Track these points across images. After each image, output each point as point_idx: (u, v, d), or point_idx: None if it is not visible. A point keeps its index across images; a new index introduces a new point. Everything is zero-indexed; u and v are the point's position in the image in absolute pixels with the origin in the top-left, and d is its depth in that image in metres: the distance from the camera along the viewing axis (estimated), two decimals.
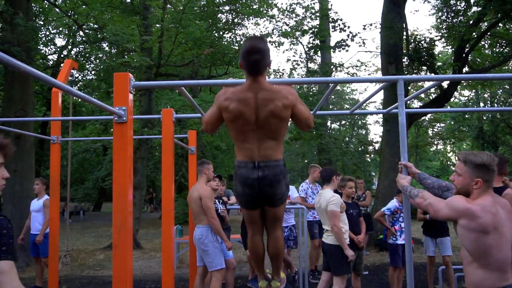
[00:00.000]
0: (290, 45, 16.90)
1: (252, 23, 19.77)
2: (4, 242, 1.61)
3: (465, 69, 11.63)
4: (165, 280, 4.25)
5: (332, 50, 11.70)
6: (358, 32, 10.97)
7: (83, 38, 16.42)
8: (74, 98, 11.55)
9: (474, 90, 21.92)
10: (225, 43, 12.99)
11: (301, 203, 6.63)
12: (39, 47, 15.57)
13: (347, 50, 11.51)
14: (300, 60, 17.22)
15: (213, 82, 3.33)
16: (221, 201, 5.56)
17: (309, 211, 6.74)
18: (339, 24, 11.11)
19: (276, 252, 3.05)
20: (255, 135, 2.75)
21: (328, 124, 27.14)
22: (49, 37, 18.37)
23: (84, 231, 14.97)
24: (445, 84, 11.04)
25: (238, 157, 2.84)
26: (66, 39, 18.52)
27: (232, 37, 13.86)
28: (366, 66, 34.29)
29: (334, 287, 4.62)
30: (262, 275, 3.22)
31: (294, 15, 15.29)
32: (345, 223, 4.73)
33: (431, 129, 28.61)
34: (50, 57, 19.34)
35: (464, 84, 15.78)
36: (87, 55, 18.35)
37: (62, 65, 18.18)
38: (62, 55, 18.78)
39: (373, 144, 25.53)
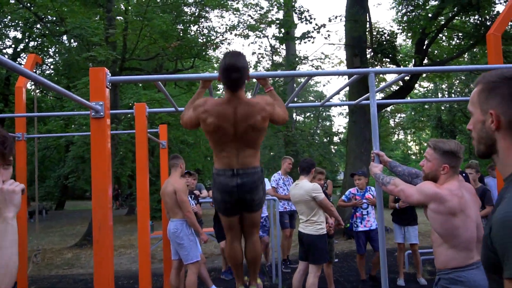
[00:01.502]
0: (255, 38, 16.95)
1: (217, 16, 19.58)
2: None
3: (425, 61, 12.06)
4: (142, 275, 4.24)
5: (298, 41, 11.80)
6: (324, 24, 11.06)
7: (41, 31, 15.84)
8: (33, 94, 11.13)
9: (433, 82, 22.77)
10: (192, 36, 12.87)
11: (273, 194, 6.74)
12: None
13: (312, 42, 11.61)
14: (266, 53, 17.32)
15: (190, 76, 3.35)
16: (193, 196, 5.57)
17: (280, 201, 6.85)
18: (305, 16, 11.22)
19: (254, 256, 3.13)
20: (233, 145, 2.83)
21: (294, 116, 27.46)
22: (3, 31, 17.59)
23: (48, 230, 14.55)
24: (407, 76, 11.41)
25: (217, 165, 2.91)
26: (22, 32, 17.77)
27: (198, 29, 13.74)
28: (329, 58, 34.79)
29: (310, 275, 4.70)
30: (240, 282, 3.27)
31: (258, 7, 15.33)
32: (323, 216, 4.82)
33: (393, 119, 29.50)
34: (5, 51, 18.55)
35: (424, 76, 16.34)
36: (45, 49, 17.72)
37: (18, 59, 17.57)
38: (18, 49, 18.05)
39: (338, 134, 26.04)
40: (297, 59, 14.08)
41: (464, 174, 5.07)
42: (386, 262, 2.94)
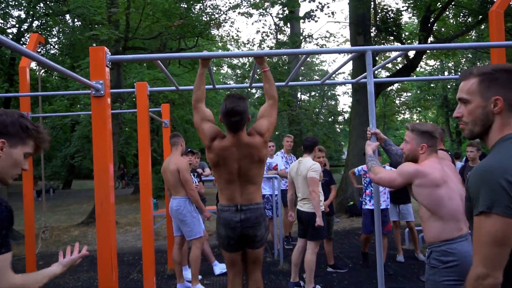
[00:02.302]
0: (259, 16, 16.79)
1: None
2: None
3: (430, 39, 11.92)
4: (146, 251, 4.37)
5: (301, 20, 11.69)
6: (327, 3, 10.93)
7: (45, 11, 15.76)
8: (38, 74, 11.18)
9: (439, 60, 22.51)
10: (195, 14, 12.77)
11: (281, 174, 6.80)
12: None
13: (316, 21, 11.52)
14: (270, 32, 17.17)
15: (189, 55, 3.36)
16: (196, 174, 5.65)
17: (282, 179, 6.92)
18: None
19: None
20: (237, 182, 2.99)
21: (299, 95, 27.38)
22: (7, 10, 17.51)
23: (55, 209, 14.79)
24: (411, 54, 11.32)
25: (221, 201, 3.07)
26: (26, 11, 17.69)
27: (201, 8, 13.62)
28: (335, 37, 34.45)
29: (308, 251, 4.79)
30: None
31: None
32: (322, 194, 4.88)
33: (398, 98, 29.30)
34: (9, 31, 18.50)
35: (429, 53, 16.16)
36: (48, 28, 17.65)
37: (22, 39, 17.54)
38: (22, 29, 17.99)
39: (343, 114, 25.97)
40: (301, 38, 13.97)
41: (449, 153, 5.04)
42: (381, 242, 3.02)
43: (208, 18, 13.03)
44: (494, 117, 1.45)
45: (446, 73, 25.92)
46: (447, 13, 13.22)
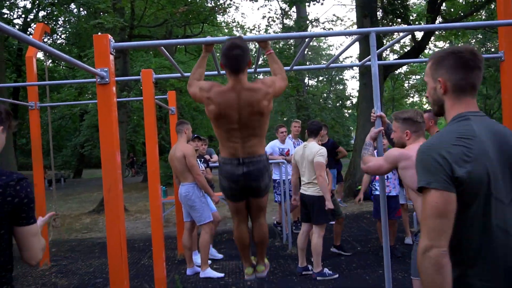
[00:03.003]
0: (265, 1, 16.63)
1: None
2: (32, 207, 1.67)
3: (439, 19, 11.74)
4: (155, 236, 4.43)
5: (307, 3, 11.57)
6: None
7: (50, 0, 15.79)
8: (45, 63, 11.25)
9: (448, 41, 22.17)
10: (200, 0, 12.70)
11: (289, 160, 6.81)
12: (3, 10, 14.92)
13: (322, 4, 11.36)
14: (276, 17, 17.03)
15: (191, 40, 3.36)
16: (202, 159, 5.68)
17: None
18: None
19: (261, 238, 3.20)
20: (238, 134, 2.86)
21: (306, 80, 27.21)
22: (13, 1, 17.55)
23: (66, 197, 15.00)
24: (419, 36, 11.17)
25: (223, 153, 2.97)
26: (31, 1, 17.73)
27: None
28: (342, 20, 34.06)
29: (314, 235, 4.82)
30: (248, 263, 3.34)
31: None
32: (326, 179, 4.88)
33: (407, 81, 28.99)
34: (16, 21, 18.57)
35: (438, 35, 15.93)
36: (54, 18, 17.69)
37: (29, 29, 17.61)
38: (28, 19, 18.04)
39: (351, 98, 25.81)
40: (307, 22, 13.85)
41: None
42: (387, 228, 3.03)
43: (213, 4, 12.95)
44: (443, 97, 1.55)
45: None
46: None
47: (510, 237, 1.39)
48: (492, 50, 20.86)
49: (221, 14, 14.00)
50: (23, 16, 18.19)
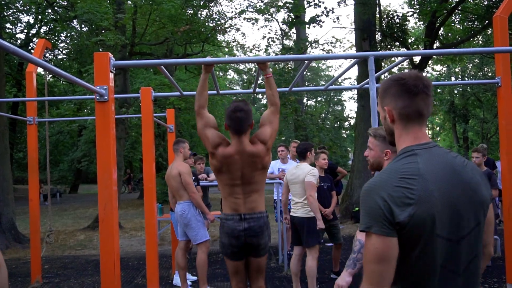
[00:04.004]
0: (265, 21, 16.89)
1: (226, 0, 19.45)
2: None
3: (436, 44, 11.89)
4: (149, 255, 4.38)
5: (306, 25, 11.72)
6: (332, 8, 10.96)
7: (53, 16, 15.97)
8: (45, 79, 11.30)
9: (445, 65, 22.43)
10: (201, 20, 12.86)
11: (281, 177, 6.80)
12: (6, 25, 15.05)
13: (321, 26, 11.52)
14: (276, 37, 17.23)
15: (191, 60, 3.39)
16: (193, 177, 5.65)
17: None
18: (313, 0, 11.13)
19: None
20: (240, 190, 3.01)
21: (304, 101, 27.37)
22: (16, 15, 17.75)
23: (62, 213, 14.88)
24: (417, 59, 11.30)
25: (225, 210, 3.08)
26: (34, 17, 17.92)
27: (208, 13, 13.71)
28: (341, 42, 34.51)
29: (308, 258, 4.70)
30: None
31: None
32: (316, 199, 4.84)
33: None
34: (18, 36, 18.75)
35: (436, 59, 16.12)
36: (56, 33, 17.85)
37: (31, 44, 17.75)
38: (30, 34, 18.21)
39: (349, 119, 25.93)
40: (307, 43, 13.99)
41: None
42: None
43: (214, 24, 13.11)
44: (393, 127, 1.50)
45: (453, 78, 25.80)
46: (453, 18, 13.19)
47: (459, 277, 1.34)
48: (489, 74, 21.09)
49: (222, 34, 14.16)
50: (26, 30, 18.37)
